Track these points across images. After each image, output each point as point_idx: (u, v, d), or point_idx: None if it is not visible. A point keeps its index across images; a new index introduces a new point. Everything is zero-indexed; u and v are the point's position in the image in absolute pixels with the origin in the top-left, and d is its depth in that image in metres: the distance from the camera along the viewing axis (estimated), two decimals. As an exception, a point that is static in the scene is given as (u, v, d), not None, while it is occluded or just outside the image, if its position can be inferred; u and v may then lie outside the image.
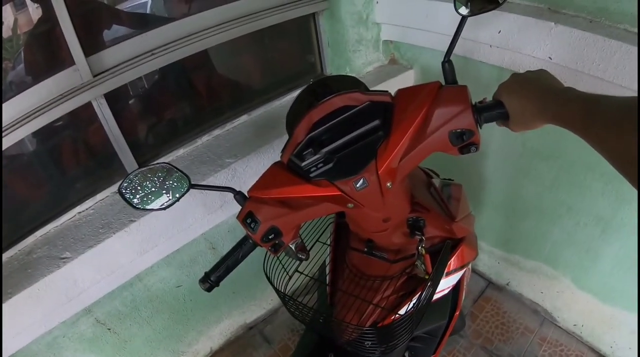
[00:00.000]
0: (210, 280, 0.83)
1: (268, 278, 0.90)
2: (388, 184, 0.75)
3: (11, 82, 1.15)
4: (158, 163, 0.85)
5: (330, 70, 1.61)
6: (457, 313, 1.13)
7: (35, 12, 1.12)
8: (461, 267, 1.02)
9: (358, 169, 0.72)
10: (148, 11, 1.33)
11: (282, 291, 0.91)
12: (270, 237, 0.79)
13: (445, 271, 0.96)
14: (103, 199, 1.35)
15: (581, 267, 1.50)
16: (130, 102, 1.40)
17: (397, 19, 1.47)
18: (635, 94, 0.58)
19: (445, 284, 1.00)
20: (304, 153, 0.74)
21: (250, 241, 0.82)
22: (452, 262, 0.98)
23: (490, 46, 1.26)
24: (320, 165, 0.75)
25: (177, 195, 0.84)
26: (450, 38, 0.79)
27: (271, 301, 1.97)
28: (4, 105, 1.09)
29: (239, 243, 0.84)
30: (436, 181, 1.06)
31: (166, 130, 1.48)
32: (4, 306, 1.12)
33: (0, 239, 1.18)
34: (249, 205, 0.79)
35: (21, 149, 1.25)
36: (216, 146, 1.44)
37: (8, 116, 1.10)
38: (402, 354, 1.13)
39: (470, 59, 1.33)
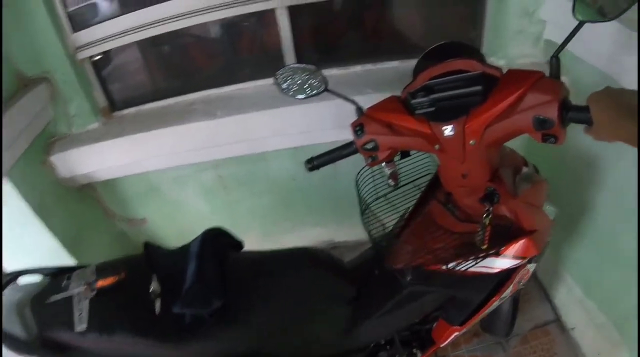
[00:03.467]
0: (314, 162, 1.07)
1: (357, 185, 1.11)
2: (471, 141, 0.88)
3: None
4: (309, 64, 1.08)
5: (485, 49, 1.66)
6: (495, 299, 1.17)
7: None
8: (516, 258, 1.05)
9: (451, 118, 0.88)
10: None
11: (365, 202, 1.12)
12: (368, 147, 0.99)
13: (501, 252, 1.03)
14: (260, 86, 1.68)
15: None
16: (306, 20, 1.67)
17: (564, 21, 1.38)
18: None
19: (493, 264, 1.05)
20: (417, 94, 0.92)
21: (354, 146, 1.03)
22: (509, 248, 1.03)
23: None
24: (425, 106, 0.91)
25: (314, 92, 1.07)
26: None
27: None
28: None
29: (345, 145, 1.06)
30: (525, 170, 1.10)
31: (328, 50, 1.77)
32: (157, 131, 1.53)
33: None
34: (363, 118, 1.00)
35: (208, 30, 1.66)
36: (363, 77, 1.66)
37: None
38: (433, 308, 1.25)
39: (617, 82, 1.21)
